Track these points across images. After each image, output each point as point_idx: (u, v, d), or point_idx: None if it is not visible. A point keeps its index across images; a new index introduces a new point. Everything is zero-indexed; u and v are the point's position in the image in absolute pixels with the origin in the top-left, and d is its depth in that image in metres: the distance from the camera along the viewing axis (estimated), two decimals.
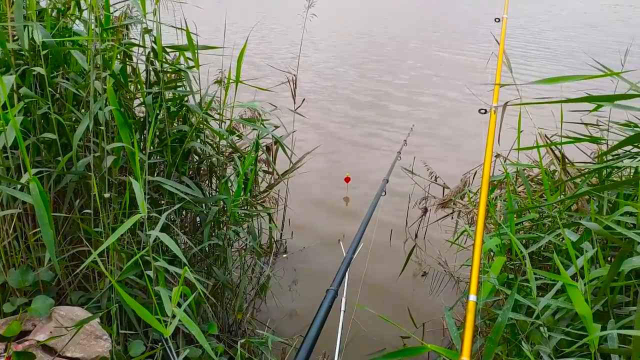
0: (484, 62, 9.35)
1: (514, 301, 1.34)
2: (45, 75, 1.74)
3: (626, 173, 1.94)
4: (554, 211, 1.91)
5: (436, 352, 1.13)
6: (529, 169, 2.35)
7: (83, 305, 1.77)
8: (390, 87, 8.43)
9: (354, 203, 4.27)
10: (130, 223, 1.44)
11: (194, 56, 2.12)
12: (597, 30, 16.01)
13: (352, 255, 1.39)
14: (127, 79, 2.07)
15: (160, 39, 1.99)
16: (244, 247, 2.80)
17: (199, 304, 2.08)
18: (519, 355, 1.48)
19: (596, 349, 1.13)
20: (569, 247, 1.34)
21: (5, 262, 1.71)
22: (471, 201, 2.74)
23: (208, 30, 2.41)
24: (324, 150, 5.09)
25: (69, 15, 2.07)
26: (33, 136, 1.80)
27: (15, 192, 1.54)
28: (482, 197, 1.34)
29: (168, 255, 1.96)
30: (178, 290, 1.24)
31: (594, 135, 2.10)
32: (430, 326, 2.71)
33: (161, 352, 1.69)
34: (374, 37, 14.22)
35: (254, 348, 2.18)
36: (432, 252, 3.47)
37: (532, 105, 1.37)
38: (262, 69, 8.30)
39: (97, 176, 1.81)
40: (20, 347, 1.47)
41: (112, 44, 1.87)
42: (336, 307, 1.19)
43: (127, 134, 1.74)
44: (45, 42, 1.77)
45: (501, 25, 2.19)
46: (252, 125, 2.45)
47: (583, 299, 1.15)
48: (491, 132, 1.58)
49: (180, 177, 2.15)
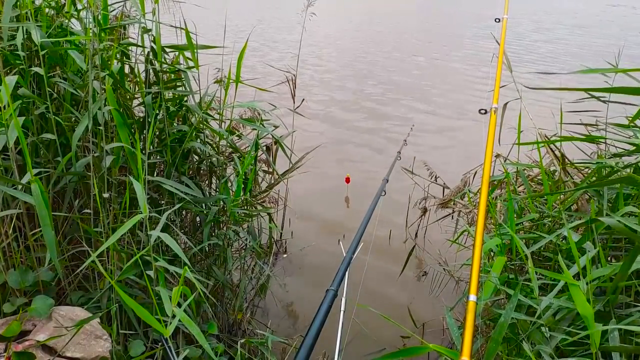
0: (485, 62, 9.34)
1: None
2: (44, 75, 1.74)
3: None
4: (554, 211, 1.91)
5: (438, 351, 1.13)
6: (528, 169, 2.35)
7: (83, 305, 1.76)
8: (391, 88, 8.43)
9: (354, 203, 4.27)
10: (132, 223, 1.43)
11: (194, 56, 2.12)
12: (585, 31, 16.01)
13: (352, 255, 1.39)
14: (124, 78, 2.06)
15: (159, 39, 1.99)
16: (244, 247, 2.80)
17: (199, 304, 2.08)
18: (519, 355, 1.48)
19: (597, 348, 1.13)
20: (573, 246, 1.33)
21: (5, 263, 1.70)
22: (471, 201, 2.74)
23: (208, 31, 2.40)
24: (324, 150, 5.08)
25: (64, 14, 2.07)
26: (32, 136, 1.80)
27: (17, 193, 1.53)
28: (482, 197, 1.34)
29: (168, 255, 1.96)
30: (178, 291, 1.24)
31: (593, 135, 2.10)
32: (430, 326, 2.71)
33: (161, 352, 1.69)
34: (374, 38, 14.22)
35: (254, 348, 2.18)
36: (432, 252, 3.47)
37: (532, 105, 1.37)
38: (262, 69, 8.29)
39: (97, 176, 1.81)
40: (20, 347, 1.47)
41: (110, 44, 1.87)
42: (336, 307, 1.19)
43: (126, 134, 1.74)
44: (42, 42, 1.76)
45: (501, 25, 2.20)
46: (252, 125, 2.45)
47: (585, 298, 1.14)
48: (491, 132, 1.58)
49: (180, 177, 2.15)
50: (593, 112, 2.11)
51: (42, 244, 1.79)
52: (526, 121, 2.11)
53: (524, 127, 2.16)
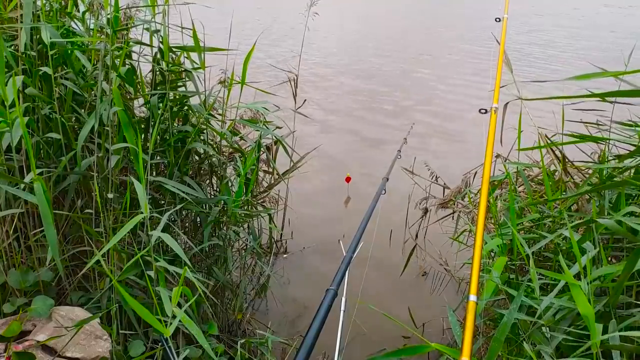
0: (486, 62, 9.31)
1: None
2: (52, 75, 1.75)
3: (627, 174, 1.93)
4: (555, 211, 1.90)
5: (440, 350, 1.12)
6: (529, 169, 2.35)
7: (83, 305, 1.77)
8: (391, 87, 8.43)
9: (354, 203, 4.26)
10: (133, 224, 1.43)
11: (200, 58, 2.12)
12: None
13: (352, 255, 1.39)
14: (134, 80, 2.06)
15: (167, 41, 1.99)
16: (244, 247, 2.80)
17: (199, 304, 2.08)
18: (519, 355, 1.48)
19: (598, 349, 1.12)
20: (574, 246, 1.33)
21: (5, 262, 1.70)
22: (471, 201, 2.74)
23: (211, 30, 2.40)
24: (324, 150, 5.08)
25: (72, 15, 2.07)
26: (37, 136, 1.80)
27: (19, 192, 1.53)
28: (483, 197, 1.34)
29: (168, 255, 1.96)
30: (178, 291, 1.24)
31: (594, 135, 2.09)
32: (430, 326, 2.71)
33: (161, 352, 1.69)
34: (374, 37, 14.22)
35: (254, 348, 2.18)
36: (432, 252, 3.47)
37: (533, 105, 1.37)
38: (264, 69, 8.29)
39: (100, 177, 1.81)
40: (20, 347, 1.47)
41: (121, 45, 1.87)
42: (336, 307, 1.19)
43: (132, 134, 1.74)
44: (52, 42, 1.77)
45: (501, 25, 2.19)
46: (254, 127, 2.45)
47: (586, 298, 1.14)
48: (491, 132, 1.58)
49: (182, 177, 2.15)
50: (595, 111, 2.10)
51: (42, 244, 1.79)
52: (526, 119, 2.11)
53: (524, 126, 2.15)
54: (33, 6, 1.77)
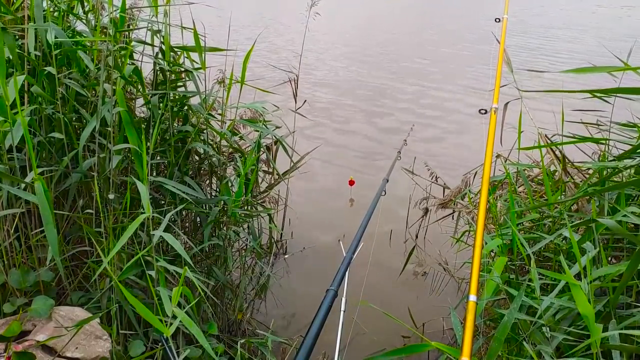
0: (486, 61, 9.33)
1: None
2: (56, 75, 1.75)
3: (626, 174, 1.93)
4: (555, 211, 1.90)
5: (440, 349, 1.13)
6: (529, 169, 2.35)
7: (83, 306, 1.76)
8: (391, 87, 8.43)
9: (354, 203, 4.26)
10: (136, 224, 1.44)
11: (201, 58, 2.12)
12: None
13: (352, 255, 1.39)
14: (141, 77, 2.05)
15: (168, 41, 1.99)
16: (244, 247, 2.80)
17: (199, 304, 2.08)
18: (519, 355, 1.48)
19: (598, 349, 1.12)
20: (575, 246, 1.33)
21: (6, 262, 1.70)
22: (471, 202, 2.74)
23: (210, 29, 2.40)
24: (325, 150, 5.09)
25: (79, 16, 2.07)
26: (39, 135, 1.80)
27: (20, 192, 1.53)
28: (483, 197, 1.34)
29: (168, 255, 1.96)
30: (178, 291, 1.24)
31: (594, 136, 2.09)
32: (430, 326, 2.71)
33: (161, 352, 1.69)
34: (373, 37, 14.23)
35: (254, 348, 2.18)
36: (432, 252, 3.47)
37: (533, 105, 1.37)
38: (264, 69, 8.29)
39: (101, 177, 1.81)
40: (20, 347, 1.47)
41: (124, 46, 1.87)
42: (336, 307, 1.19)
43: (135, 135, 1.74)
44: (56, 43, 1.77)
45: (501, 25, 2.19)
46: (254, 126, 2.45)
47: (586, 298, 1.14)
48: (491, 132, 1.58)
49: (182, 177, 2.15)
50: (595, 111, 2.10)
51: (43, 244, 1.79)
52: (527, 119, 2.11)
53: (524, 126, 2.15)
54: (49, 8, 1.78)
